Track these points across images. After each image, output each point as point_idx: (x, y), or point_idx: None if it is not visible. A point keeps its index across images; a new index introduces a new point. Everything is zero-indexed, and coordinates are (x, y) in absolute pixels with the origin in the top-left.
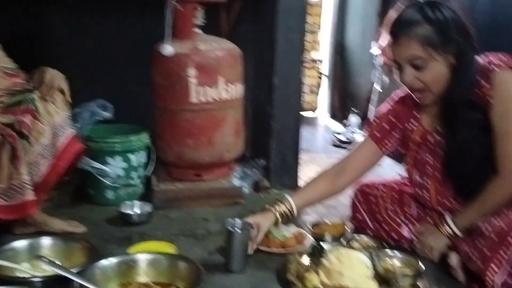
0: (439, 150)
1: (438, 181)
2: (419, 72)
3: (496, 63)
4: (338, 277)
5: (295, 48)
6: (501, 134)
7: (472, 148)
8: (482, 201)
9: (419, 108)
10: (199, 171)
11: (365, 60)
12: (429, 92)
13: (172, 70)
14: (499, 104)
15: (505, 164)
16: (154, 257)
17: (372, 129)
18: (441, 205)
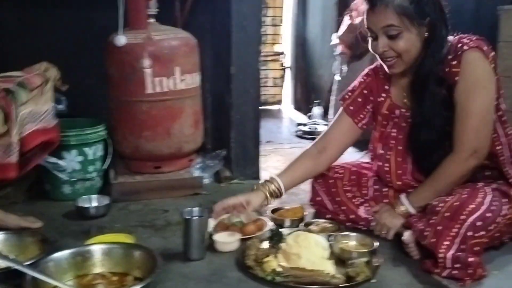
0: (403, 123)
1: (399, 154)
2: (392, 41)
3: (466, 43)
4: (296, 260)
5: (252, 38)
6: (461, 111)
7: (434, 121)
8: (437, 178)
9: (389, 81)
10: (158, 163)
11: (326, 51)
12: (399, 60)
13: (126, 61)
14: (463, 83)
15: (462, 141)
16: (109, 247)
17: (345, 103)
18: (400, 179)
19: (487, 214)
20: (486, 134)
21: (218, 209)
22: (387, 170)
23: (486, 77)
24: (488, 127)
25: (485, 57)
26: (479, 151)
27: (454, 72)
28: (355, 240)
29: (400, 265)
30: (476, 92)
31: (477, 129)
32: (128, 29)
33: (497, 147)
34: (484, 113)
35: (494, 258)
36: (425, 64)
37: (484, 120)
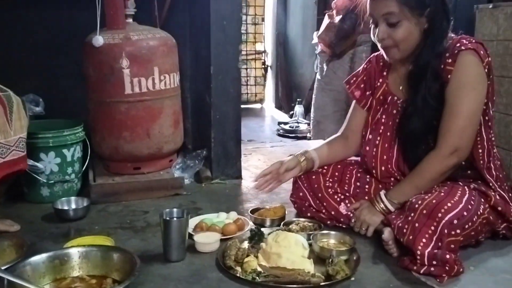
0: (394, 110)
1: (387, 140)
2: (391, 29)
3: (464, 44)
4: (276, 259)
5: (231, 37)
6: (449, 109)
7: (425, 112)
8: (418, 173)
9: (388, 69)
10: (137, 164)
11: (307, 50)
12: (396, 49)
13: (104, 62)
14: (455, 82)
15: (446, 138)
16: (87, 249)
17: (351, 88)
18: (384, 165)
19: (464, 212)
20: (470, 135)
21: (259, 183)
22: (374, 154)
23: (477, 79)
24: (473, 128)
25: (480, 60)
26: (460, 150)
27: (448, 70)
28: (335, 239)
29: (379, 262)
30: (466, 93)
31: (462, 129)
32: (106, 29)
33: (479, 150)
34: (471, 114)
35: (471, 255)
36: (423, 55)
37: (470, 121)
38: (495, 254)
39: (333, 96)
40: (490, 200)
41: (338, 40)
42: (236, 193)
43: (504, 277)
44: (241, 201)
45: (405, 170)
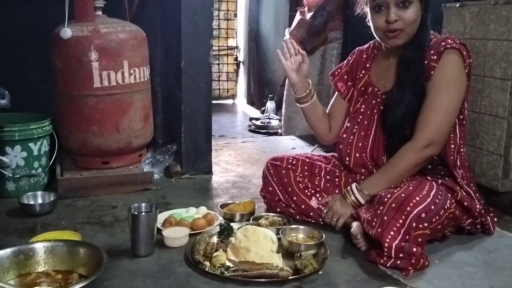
0: (373, 100)
1: (363, 128)
2: (402, 10)
3: (449, 43)
4: (244, 253)
5: (202, 32)
6: (429, 103)
7: (407, 104)
8: (391, 164)
9: (372, 61)
10: (106, 158)
11: (279, 46)
12: (402, 32)
13: (72, 54)
14: (437, 78)
15: (422, 130)
16: (53, 244)
17: (335, 79)
18: (359, 153)
19: (431, 206)
20: (446, 130)
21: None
22: (349, 142)
23: (459, 78)
24: (449, 124)
25: (462, 61)
26: (435, 143)
27: (432, 66)
28: (303, 233)
29: (347, 256)
30: (447, 89)
31: (439, 123)
32: (75, 22)
33: (451, 146)
34: (449, 111)
35: (437, 249)
36: (411, 47)
37: (448, 117)
38: (459, 248)
39: None
40: (456, 195)
41: (309, 37)
42: (206, 188)
43: (467, 270)
44: (211, 196)
45: (378, 160)
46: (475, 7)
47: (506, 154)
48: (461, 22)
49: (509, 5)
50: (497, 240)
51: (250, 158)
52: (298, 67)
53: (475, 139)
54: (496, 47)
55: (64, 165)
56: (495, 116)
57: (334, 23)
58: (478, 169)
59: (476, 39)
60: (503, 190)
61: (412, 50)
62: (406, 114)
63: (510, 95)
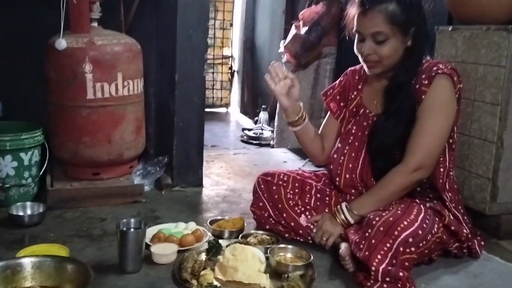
0: (364, 122)
1: (354, 150)
2: (378, 46)
3: (441, 68)
4: (232, 273)
5: (197, 45)
6: (419, 128)
7: (397, 128)
8: (381, 186)
9: (364, 83)
10: (97, 169)
11: (274, 57)
12: (379, 64)
13: (66, 65)
14: (428, 102)
15: (413, 154)
16: (41, 260)
17: (327, 99)
18: (349, 174)
19: (419, 231)
20: (436, 154)
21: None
22: (340, 162)
23: (449, 103)
24: (439, 148)
25: (453, 86)
26: (425, 167)
27: (423, 91)
28: (292, 253)
29: (335, 278)
30: (437, 114)
31: (429, 148)
32: (70, 33)
33: (441, 169)
34: (439, 135)
35: (423, 272)
36: (403, 73)
37: (438, 141)
38: (446, 272)
39: None
40: (444, 219)
41: (303, 51)
42: (196, 202)
43: None
44: (201, 210)
45: (368, 181)
46: (467, 32)
47: (494, 178)
48: (453, 45)
49: (500, 31)
50: (483, 264)
51: (241, 171)
52: (288, 91)
53: (464, 162)
54: (487, 72)
55: (55, 176)
56: (484, 140)
57: (328, 39)
58: (466, 191)
59: (467, 63)
60: (491, 213)
61: (402, 75)
62: (392, 142)
63: (499, 120)
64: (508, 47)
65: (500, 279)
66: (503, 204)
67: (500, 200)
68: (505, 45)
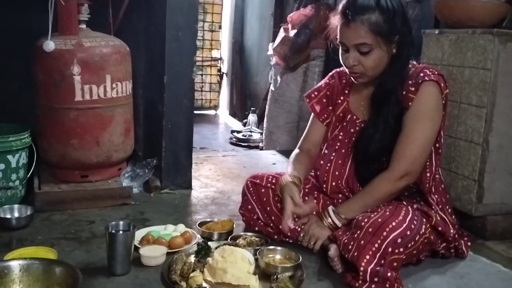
0: (351, 129)
1: (341, 156)
2: (362, 56)
3: (428, 74)
4: (221, 274)
5: (186, 48)
6: (406, 135)
7: (384, 135)
8: (367, 192)
9: (350, 87)
10: (85, 172)
11: (262, 59)
12: (365, 75)
13: (55, 67)
14: (415, 109)
15: (399, 161)
16: (29, 263)
17: (311, 102)
18: (335, 181)
19: (407, 232)
20: (422, 161)
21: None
22: (327, 169)
23: (436, 111)
24: (425, 155)
25: (440, 92)
26: (410, 174)
27: (409, 98)
28: (281, 254)
29: (323, 279)
30: (424, 121)
31: (415, 155)
32: (58, 34)
33: (427, 174)
34: (425, 143)
35: (411, 273)
36: (389, 80)
37: (424, 148)
38: (433, 272)
39: (285, 108)
40: (431, 220)
41: (292, 54)
42: (185, 204)
43: None
44: (190, 212)
45: (354, 187)
46: (454, 35)
47: (480, 179)
48: (439, 48)
49: (486, 35)
50: (470, 264)
51: (230, 173)
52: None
53: (451, 164)
54: (473, 75)
55: (42, 178)
56: (470, 142)
57: (316, 41)
58: (453, 193)
59: (453, 66)
60: (477, 214)
61: (389, 82)
62: (378, 149)
63: (485, 122)
64: (493, 50)
65: (486, 279)
66: (489, 205)
67: (486, 201)
68: (491, 48)
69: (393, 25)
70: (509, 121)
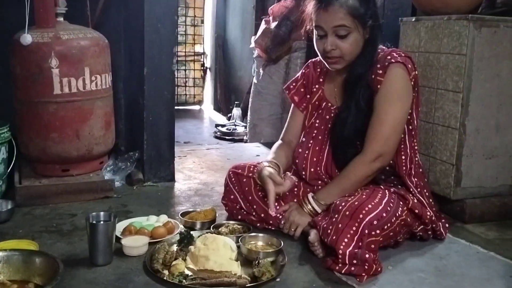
0: (327, 116)
1: (318, 143)
2: (340, 40)
3: (394, 57)
4: (203, 262)
5: (166, 39)
6: (376, 117)
7: (357, 119)
8: (344, 176)
9: (325, 76)
10: (66, 166)
11: (245, 53)
12: (341, 59)
13: (32, 61)
14: (383, 92)
15: (371, 144)
16: (8, 254)
17: (290, 93)
18: (314, 167)
19: (383, 214)
20: (394, 142)
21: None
22: (305, 156)
23: (404, 91)
24: (396, 136)
25: (407, 74)
26: (384, 155)
27: (378, 81)
28: (263, 241)
29: (304, 263)
30: (392, 103)
31: (386, 136)
32: (35, 27)
33: (402, 157)
34: (396, 123)
35: (390, 255)
36: (360, 65)
37: (394, 129)
38: (412, 254)
39: (269, 100)
40: (408, 203)
41: (274, 46)
42: (168, 196)
43: (419, 275)
44: (173, 204)
45: (333, 173)
46: (430, 22)
47: (457, 163)
48: (416, 35)
49: (461, 20)
50: (448, 246)
51: (214, 165)
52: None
53: (429, 149)
54: (449, 60)
55: (23, 173)
56: (447, 127)
57: (298, 33)
58: (432, 177)
59: (430, 53)
60: (455, 198)
61: (360, 67)
62: (352, 132)
63: (461, 107)
64: (468, 36)
65: (465, 261)
66: (467, 188)
67: (464, 185)
68: (466, 34)
69: (368, 9)
70: (485, 105)
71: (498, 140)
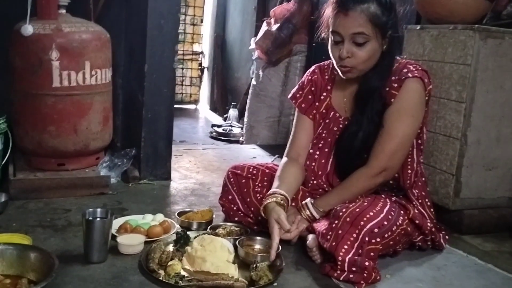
0: (334, 127)
1: (324, 155)
2: (357, 48)
3: (411, 70)
4: (200, 263)
5: (168, 37)
6: (386, 131)
7: (367, 132)
8: (345, 187)
9: (333, 83)
10: (62, 160)
11: (244, 54)
12: (355, 69)
13: (32, 52)
14: (396, 106)
15: (377, 157)
16: (2, 248)
17: (298, 101)
18: (316, 179)
19: (384, 222)
20: (400, 158)
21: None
22: (312, 169)
23: (418, 107)
24: (403, 152)
25: (423, 89)
26: (388, 170)
27: (392, 94)
28: (260, 244)
29: (302, 268)
30: (404, 118)
31: (394, 151)
32: (37, 19)
33: (408, 171)
34: (405, 139)
35: (388, 264)
36: (375, 78)
37: (403, 145)
38: (410, 263)
39: (267, 102)
40: (409, 213)
41: (274, 48)
42: (164, 195)
43: (417, 285)
44: (169, 203)
45: (334, 183)
46: (435, 31)
47: (457, 173)
48: (420, 44)
49: (467, 30)
50: (446, 256)
51: (210, 165)
52: None
53: (429, 158)
54: (453, 70)
55: (18, 165)
56: (448, 137)
57: (299, 36)
58: (431, 186)
59: (434, 61)
60: (454, 208)
61: (375, 80)
62: (361, 146)
63: (463, 117)
64: (473, 46)
65: (463, 271)
66: (465, 199)
67: (463, 195)
68: (471, 44)
69: (389, 18)
70: (487, 116)
71: (498, 152)
